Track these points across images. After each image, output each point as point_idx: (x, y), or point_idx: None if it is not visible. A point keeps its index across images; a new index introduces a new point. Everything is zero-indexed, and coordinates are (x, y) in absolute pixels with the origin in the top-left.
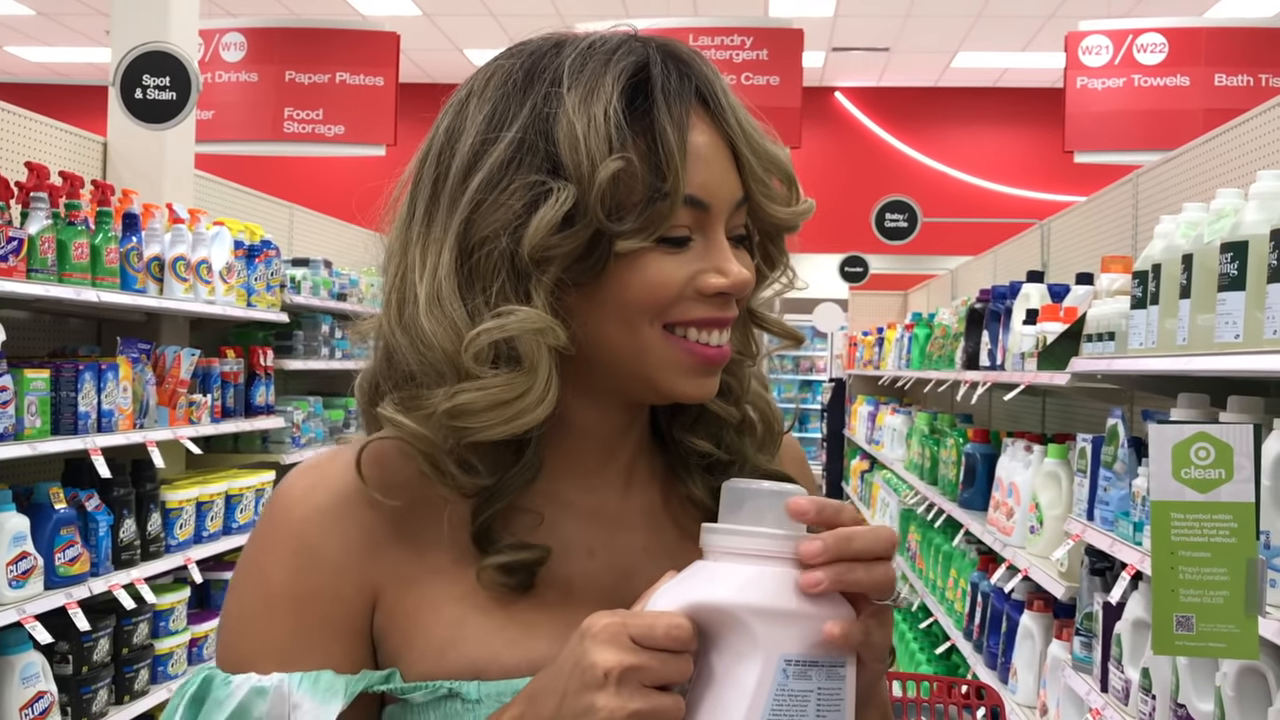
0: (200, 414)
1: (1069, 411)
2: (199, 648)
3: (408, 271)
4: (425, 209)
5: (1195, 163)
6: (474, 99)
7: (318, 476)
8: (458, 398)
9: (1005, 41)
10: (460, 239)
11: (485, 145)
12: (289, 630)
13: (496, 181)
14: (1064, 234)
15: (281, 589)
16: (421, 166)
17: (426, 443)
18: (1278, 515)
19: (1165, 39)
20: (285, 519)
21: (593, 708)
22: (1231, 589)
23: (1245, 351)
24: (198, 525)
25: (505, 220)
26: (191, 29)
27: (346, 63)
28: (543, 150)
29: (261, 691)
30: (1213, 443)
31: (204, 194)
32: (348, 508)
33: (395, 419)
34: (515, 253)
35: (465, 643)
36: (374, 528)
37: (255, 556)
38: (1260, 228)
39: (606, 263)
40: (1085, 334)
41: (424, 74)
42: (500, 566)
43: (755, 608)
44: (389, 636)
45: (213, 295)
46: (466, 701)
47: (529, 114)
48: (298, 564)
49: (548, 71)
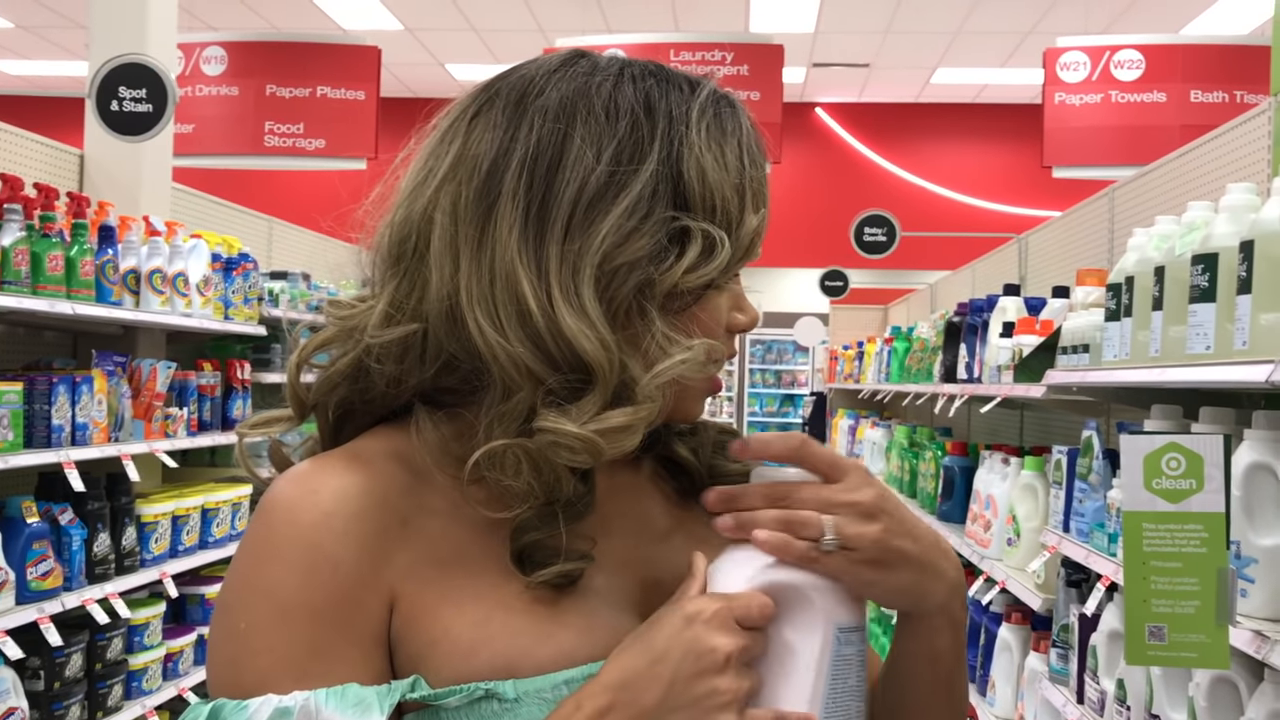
0: (176, 427)
1: (1046, 424)
2: (174, 663)
3: (500, 280)
4: (524, 220)
5: (1169, 177)
6: (579, 122)
7: (317, 483)
8: (612, 419)
9: (984, 58)
10: (602, 261)
11: (618, 173)
12: (305, 643)
13: (638, 211)
14: (1041, 248)
15: (294, 600)
16: (496, 172)
17: (590, 450)
18: (1248, 525)
19: (1142, 55)
20: (291, 527)
21: (715, 690)
22: (1203, 599)
23: (1216, 363)
24: (173, 539)
25: (648, 250)
26: (170, 42)
27: (327, 77)
28: (672, 187)
29: (286, 712)
30: (1183, 453)
31: (182, 207)
32: (357, 511)
33: (569, 429)
34: (654, 283)
35: (494, 641)
36: (385, 530)
37: (256, 569)
38: (1230, 240)
39: (698, 300)
40: (1061, 346)
41: (405, 88)
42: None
43: (816, 581)
44: (409, 639)
45: (190, 308)
46: (504, 701)
47: (662, 149)
48: (311, 572)
49: (664, 105)
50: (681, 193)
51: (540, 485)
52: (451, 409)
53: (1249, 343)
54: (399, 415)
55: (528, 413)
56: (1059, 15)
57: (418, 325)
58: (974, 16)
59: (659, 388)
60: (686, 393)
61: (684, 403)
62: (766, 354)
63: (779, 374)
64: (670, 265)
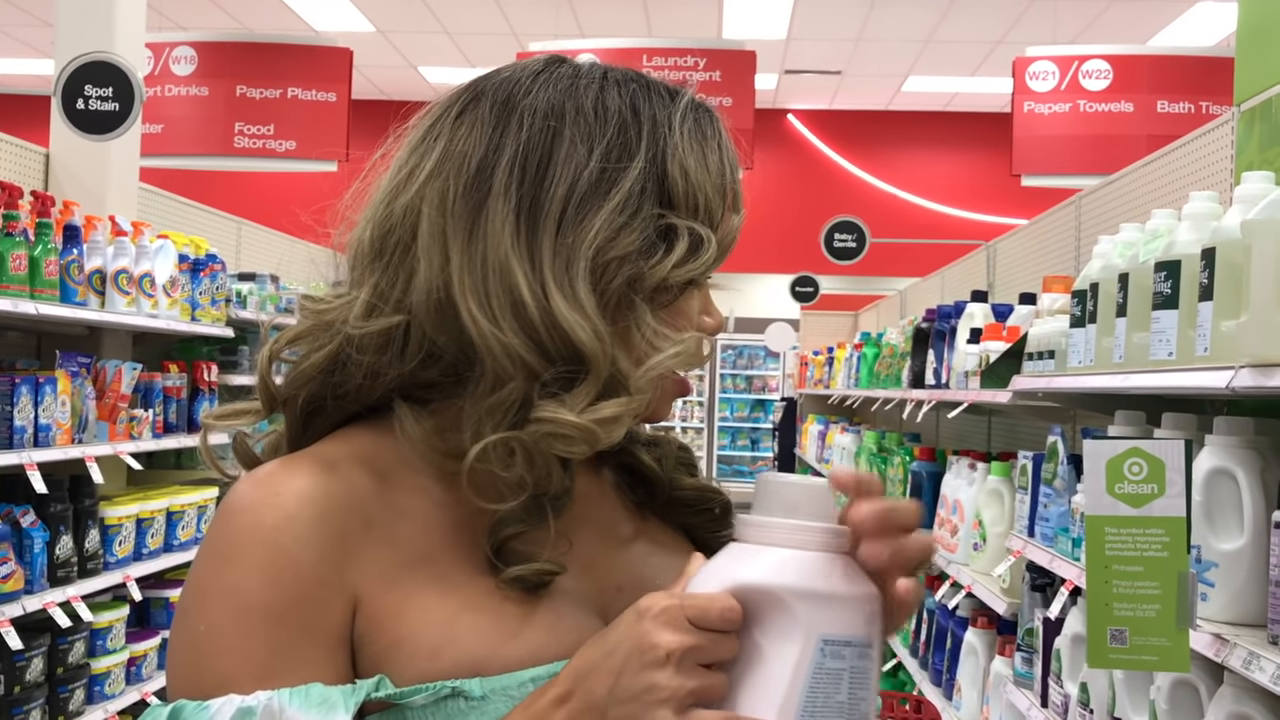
0: (141, 429)
1: (1014, 430)
2: (138, 667)
3: (493, 271)
4: (517, 215)
5: (1135, 185)
6: (569, 122)
7: (280, 485)
8: (606, 410)
9: (955, 66)
10: (595, 255)
11: (607, 171)
12: (267, 644)
13: (628, 207)
14: (1009, 255)
15: (256, 601)
16: (485, 168)
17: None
18: (1208, 530)
19: (1110, 66)
20: (253, 528)
21: (654, 686)
22: (1164, 602)
23: (1178, 369)
24: (138, 542)
25: (637, 246)
26: (138, 41)
27: (298, 78)
28: (658, 185)
29: (249, 712)
30: (1145, 458)
31: (149, 207)
32: (321, 513)
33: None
34: (641, 277)
35: (460, 641)
36: (348, 533)
37: (216, 571)
38: (1192, 247)
39: (678, 298)
40: (1027, 352)
41: (377, 90)
42: (520, 576)
43: (798, 589)
44: (372, 640)
45: (156, 309)
46: (470, 699)
47: (649, 148)
48: (273, 573)
49: (648, 108)
50: (667, 192)
51: (532, 477)
52: (429, 404)
53: (1210, 349)
54: (366, 415)
55: (519, 404)
56: (1028, 25)
57: (401, 317)
58: (944, 25)
59: (649, 381)
60: (659, 394)
61: (656, 404)
62: (737, 359)
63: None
64: (659, 260)
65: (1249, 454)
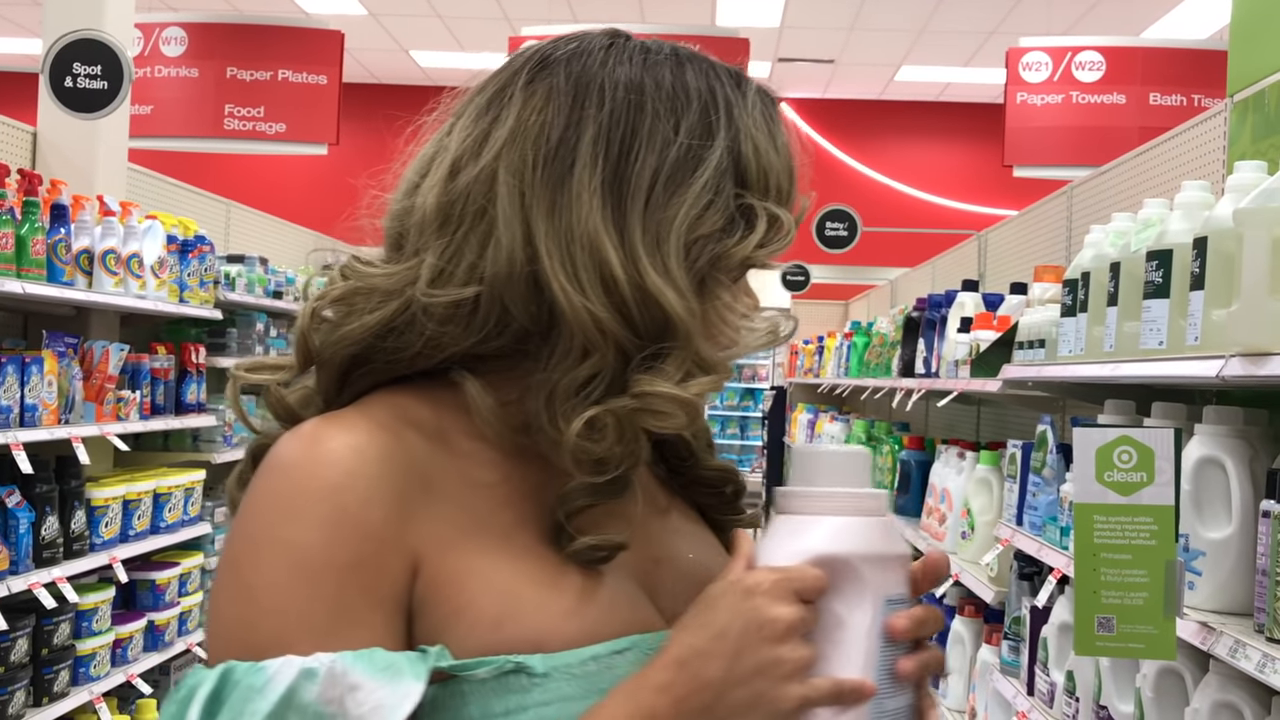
0: (129, 410)
1: (1003, 419)
2: (123, 649)
3: (581, 243)
4: (604, 189)
5: (1127, 176)
6: (650, 97)
7: (339, 441)
8: (695, 385)
9: (948, 56)
10: (687, 232)
11: (695, 149)
12: (326, 604)
13: (714, 185)
14: (1000, 245)
15: (317, 558)
16: (568, 139)
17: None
18: (1196, 519)
19: (1103, 57)
20: (314, 483)
21: (780, 660)
22: (1151, 590)
23: (1168, 358)
24: (124, 524)
25: (720, 224)
26: (127, 20)
27: (289, 60)
28: (735, 165)
29: (310, 674)
30: (1135, 446)
31: (138, 188)
32: (382, 470)
33: (666, 391)
34: (723, 255)
35: (522, 614)
36: (408, 492)
37: (271, 526)
38: (1184, 236)
39: (741, 277)
40: (1017, 342)
41: (368, 74)
42: (588, 549)
43: (866, 555)
44: (433, 606)
45: (144, 290)
46: (533, 675)
47: (728, 128)
48: (336, 531)
49: (723, 89)
50: (743, 172)
51: (624, 451)
52: (484, 374)
53: (1200, 338)
54: (403, 380)
55: (607, 378)
56: (1022, 15)
57: (475, 288)
58: (938, 15)
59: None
60: None
61: None
62: None
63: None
64: (739, 240)
65: (1238, 443)
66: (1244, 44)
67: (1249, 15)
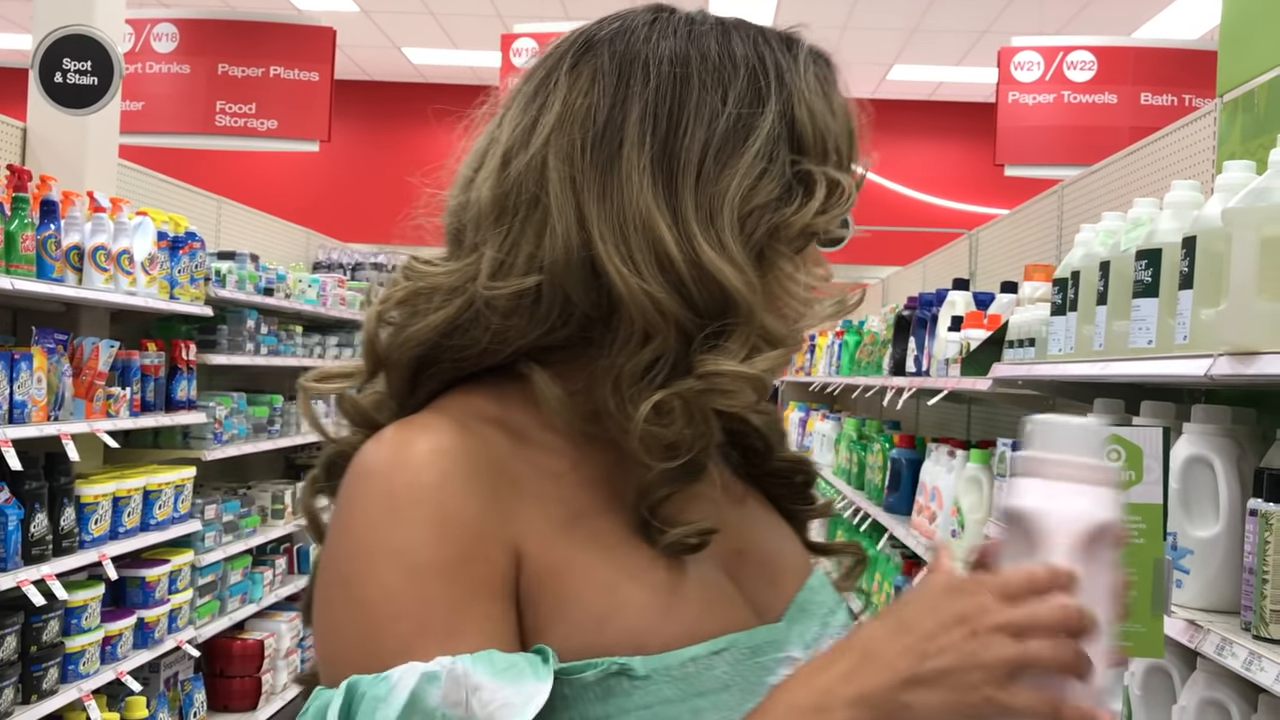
0: (119, 407)
1: (993, 418)
2: (113, 646)
3: (635, 224)
4: (654, 167)
5: (1117, 176)
6: (695, 69)
7: (422, 443)
8: (763, 360)
9: (940, 56)
10: (741, 204)
11: (745, 118)
12: (445, 603)
13: (767, 154)
14: (991, 244)
15: (428, 559)
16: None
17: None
18: (1185, 517)
19: (1094, 57)
20: (413, 488)
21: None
22: (1139, 589)
23: (1157, 357)
24: (114, 521)
25: (779, 194)
26: (118, 15)
27: (281, 57)
28: (790, 131)
29: (433, 678)
30: (1123, 445)
31: (129, 184)
32: (473, 469)
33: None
34: (783, 225)
35: (624, 612)
36: (499, 488)
37: (376, 533)
38: (1173, 236)
39: (805, 246)
40: (1007, 340)
41: (361, 71)
42: (679, 540)
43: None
44: (537, 600)
45: (134, 286)
46: (634, 678)
47: (778, 94)
48: (441, 530)
49: (773, 55)
50: (798, 137)
51: (694, 434)
52: (550, 366)
53: (1189, 337)
54: (472, 377)
55: (670, 360)
56: (1014, 15)
57: (536, 277)
58: (930, 14)
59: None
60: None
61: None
62: None
63: None
64: (799, 207)
65: (1226, 442)
66: (1234, 44)
67: (1239, 16)
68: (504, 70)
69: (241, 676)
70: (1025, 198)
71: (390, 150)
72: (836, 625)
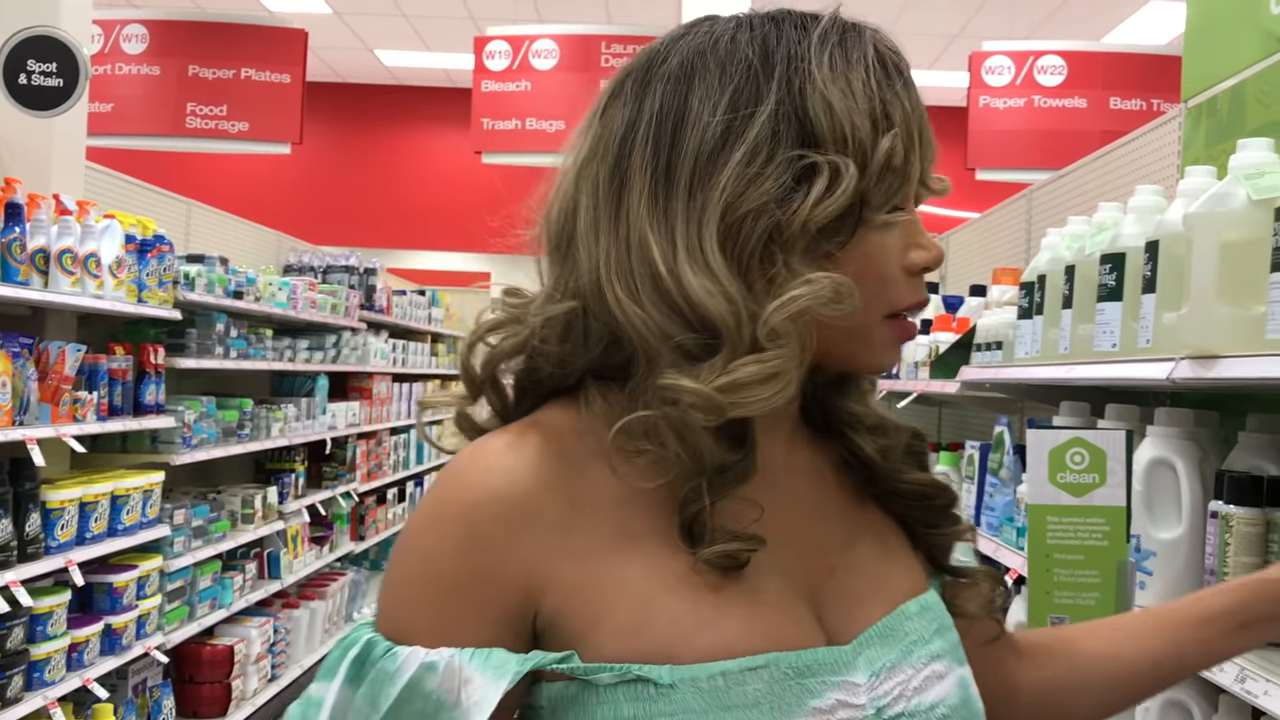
0: (85, 412)
1: (964, 420)
2: (79, 653)
3: (634, 250)
4: (651, 187)
5: (1085, 180)
6: (698, 80)
7: (493, 461)
8: (739, 371)
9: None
10: (724, 214)
11: (735, 122)
12: (443, 610)
13: (758, 156)
14: (962, 247)
15: (442, 569)
16: (625, 146)
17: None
18: (1148, 519)
19: (1065, 61)
20: (455, 502)
21: None
22: (1103, 590)
23: (1121, 360)
24: (81, 526)
25: (773, 194)
26: (85, 16)
27: (252, 59)
28: (797, 125)
29: (432, 667)
30: (1087, 448)
31: (96, 186)
32: (523, 494)
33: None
34: (781, 226)
35: (657, 624)
36: (548, 509)
37: (420, 530)
38: (1136, 240)
39: (851, 237)
40: (976, 344)
41: (333, 73)
42: (723, 554)
43: None
44: (569, 616)
45: (101, 290)
46: (660, 686)
47: (780, 90)
48: (464, 547)
49: (782, 46)
50: (809, 130)
51: (686, 452)
52: (618, 385)
53: (1152, 341)
54: (565, 393)
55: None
56: (985, 20)
57: (574, 303)
58: (902, 19)
59: (790, 332)
60: (863, 339)
61: (865, 351)
62: None
63: None
64: (796, 205)
65: (1188, 445)
66: (1198, 50)
67: (1203, 22)
68: (476, 72)
69: (211, 682)
70: (996, 201)
71: (362, 153)
72: (922, 654)
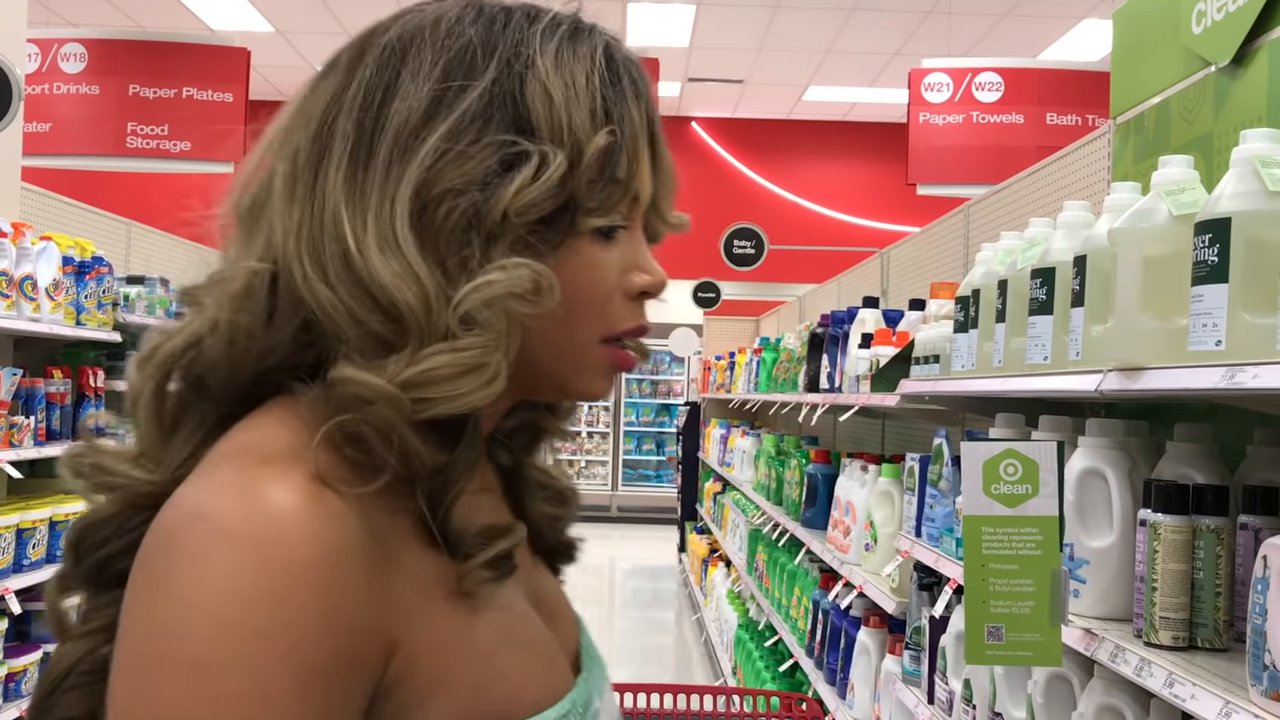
0: (22, 437)
1: (907, 433)
2: (16, 683)
3: (327, 224)
4: (350, 159)
5: (1021, 195)
6: (413, 53)
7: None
8: (428, 361)
9: (853, 77)
10: (419, 190)
11: (445, 96)
12: (321, 712)
13: (464, 134)
14: (902, 262)
15: (316, 661)
16: (328, 113)
17: (399, 411)
18: (1080, 528)
19: (1002, 78)
20: (293, 564)
21: None
22: (1037, 599)
23: (1051, 373)
24: (18, 553)
25: (475, 175)
26: (18, 35)
27: (194, 77)
28: (512, 110)
29: None
30: (1020, 459)
31: (32, 208)
32: (352, 539)
33: (368, 380)
34: (481, 211)
35: (499, 680)
36: (377, 557)
37: (258, 615)
38: (1066, 255)
39: (562, 241)
40: (915, 357)
41: (276, 91)
42: (486, 564)
43: None
44: (409, 679)
45: (38, 313)
46: None
47: (497, 71)
48: (328, 624)
49: (509, 32)
50: (524, 116)
51: (395, 455)
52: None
53: (1081, 353)
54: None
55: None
56: (924, 37)
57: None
58: (843, 37)
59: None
60: (576, 360)
61: (576, 375)
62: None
63: (655, 384)
64: (499, 190)
65: (1118, 454)
66: (1125, 68)
67: (1129, 41)
68: None
69: None
70: (935, 215)
71: None
72: (600, 658)
